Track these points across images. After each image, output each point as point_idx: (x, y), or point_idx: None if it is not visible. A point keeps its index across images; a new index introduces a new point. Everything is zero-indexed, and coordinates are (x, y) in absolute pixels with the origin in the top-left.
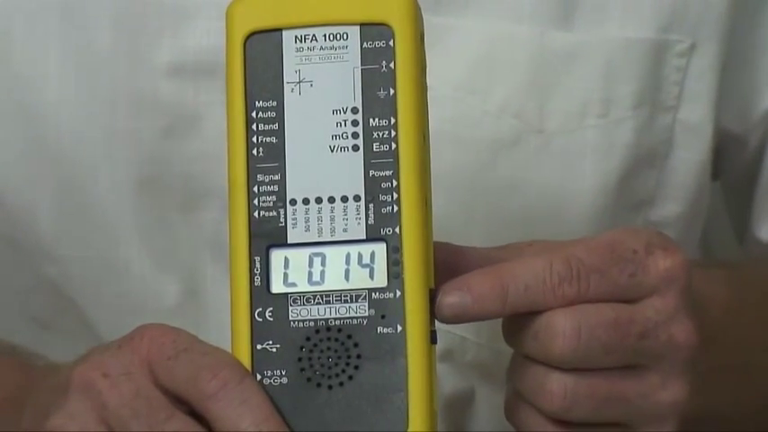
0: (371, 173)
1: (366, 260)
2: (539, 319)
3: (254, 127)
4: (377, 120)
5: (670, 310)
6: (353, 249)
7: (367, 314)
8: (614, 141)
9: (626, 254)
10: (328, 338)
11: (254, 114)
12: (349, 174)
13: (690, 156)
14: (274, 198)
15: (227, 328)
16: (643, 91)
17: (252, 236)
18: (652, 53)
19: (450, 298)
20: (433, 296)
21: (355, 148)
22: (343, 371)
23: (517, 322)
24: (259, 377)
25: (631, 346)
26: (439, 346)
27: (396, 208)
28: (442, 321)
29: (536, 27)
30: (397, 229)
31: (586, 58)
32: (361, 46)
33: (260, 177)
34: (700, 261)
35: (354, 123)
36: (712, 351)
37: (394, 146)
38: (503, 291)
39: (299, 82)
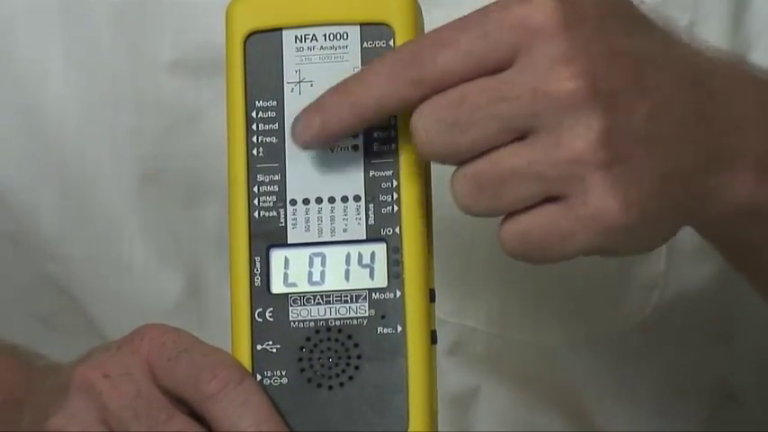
0: (371, 173)
1: (366, 260)
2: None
3: (254, 127)
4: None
5: (537, 65)
6: (353, 249)
7: (367, 314)
8: None
9: (475, 18)
10: (328, 339)
11: (254, 114)
12: (349, 174)
13: None
14: (274, 198)
15: (230, 325)
16: None
17: (252, 236)
18: None
19: (301, 120)
20: (432, 296)
21: (355, 147)
22: (344, 371)
23: None
24: (259, 377)
25: (489, 113)
26: (448, 339)
27: (396, 208)
28: (299, 145)
29: None
30: (398, 230)
31: None
32: (362, 46)
33: (260, 177)
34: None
35: None
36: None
37: (394, 146)
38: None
39: (299, 82)
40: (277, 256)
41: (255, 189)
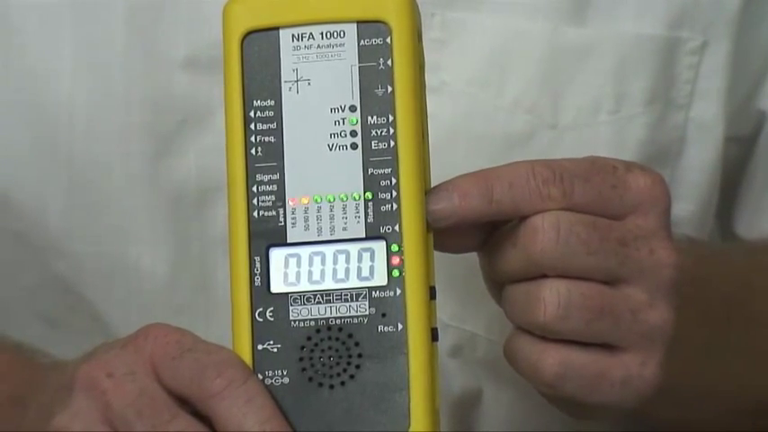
0: (370, 171)
1: (366, 259)
2: (519, 227)
3: (252, 126)
4: (375, 118)
5: (651, 228)
6: (353, 248)
7: (367, 313)
8: (626, 137)
9: (606, 168)
10: (329, 338)
11: (252, 114)
12: (348, 172)
13: (702, 154)
14: (273, 197)
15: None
16: (655, 88)
17: (251, 236)
18: (664, 50)
19: (438, 199)
20: (433, 294)
21: (354, 146)
22: (345, 370)
23: (499, 245)
24: (260, 377)
25: (612, 250)
26: (449, 342)
27: (395, 206)
28: (432, 224)
29: (549, 22)
30: (397, 227)
31: (599, 53)
32: (359, 44)
33: (259, 177)
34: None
35: (353, 122)
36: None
37: (392, 143)
38: (488, 188)
39: (297, 81)
40: (277, 255)
41: (254, 189)
